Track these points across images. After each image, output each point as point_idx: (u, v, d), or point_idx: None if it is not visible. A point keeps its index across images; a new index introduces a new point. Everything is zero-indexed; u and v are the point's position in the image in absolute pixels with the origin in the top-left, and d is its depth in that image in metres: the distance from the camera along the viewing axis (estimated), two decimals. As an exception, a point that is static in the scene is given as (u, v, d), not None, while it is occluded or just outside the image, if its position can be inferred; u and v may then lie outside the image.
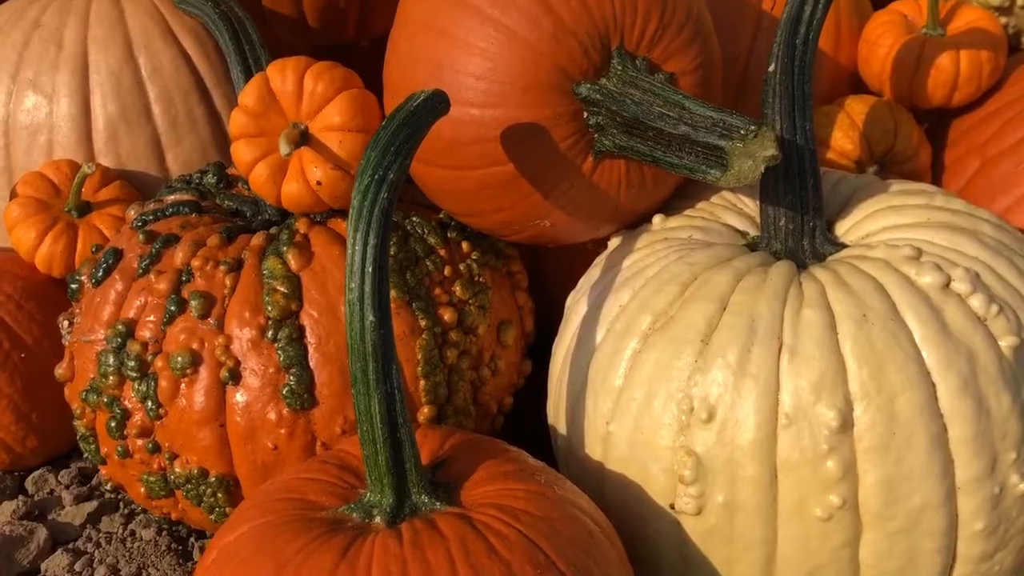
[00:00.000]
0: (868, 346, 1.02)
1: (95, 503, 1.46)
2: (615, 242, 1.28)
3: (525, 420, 1.42)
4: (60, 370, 1.30)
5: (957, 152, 1.51)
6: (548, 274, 1.56)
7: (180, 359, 1.19)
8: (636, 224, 1.29)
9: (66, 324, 1.32)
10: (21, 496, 1.49)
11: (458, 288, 1.26)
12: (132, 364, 1.20)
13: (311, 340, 1.19)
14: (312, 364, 1.19)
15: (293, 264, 1.22)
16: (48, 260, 1.50)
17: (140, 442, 1.23)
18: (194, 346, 1.19)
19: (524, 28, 1.11)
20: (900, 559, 1.04)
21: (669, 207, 1.29)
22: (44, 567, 1.37)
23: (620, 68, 1.13)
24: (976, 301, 1.04)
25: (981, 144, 1.48)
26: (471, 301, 1.26)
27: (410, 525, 0.94)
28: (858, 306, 1.04)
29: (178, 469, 1.22)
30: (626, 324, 1.13)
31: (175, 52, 1.58)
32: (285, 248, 1.23)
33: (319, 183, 1.22)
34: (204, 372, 1.19)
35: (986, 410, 1.01)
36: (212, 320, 1.20)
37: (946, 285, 1.05)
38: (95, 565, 1.36)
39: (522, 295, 1.39)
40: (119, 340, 1.22)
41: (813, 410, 1.01)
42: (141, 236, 1.28)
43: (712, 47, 1.23)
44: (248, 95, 1.24)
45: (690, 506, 1.06)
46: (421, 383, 1.21)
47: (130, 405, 1.22)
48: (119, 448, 1.24)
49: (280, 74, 1.24)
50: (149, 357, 1.21)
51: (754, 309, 1.06)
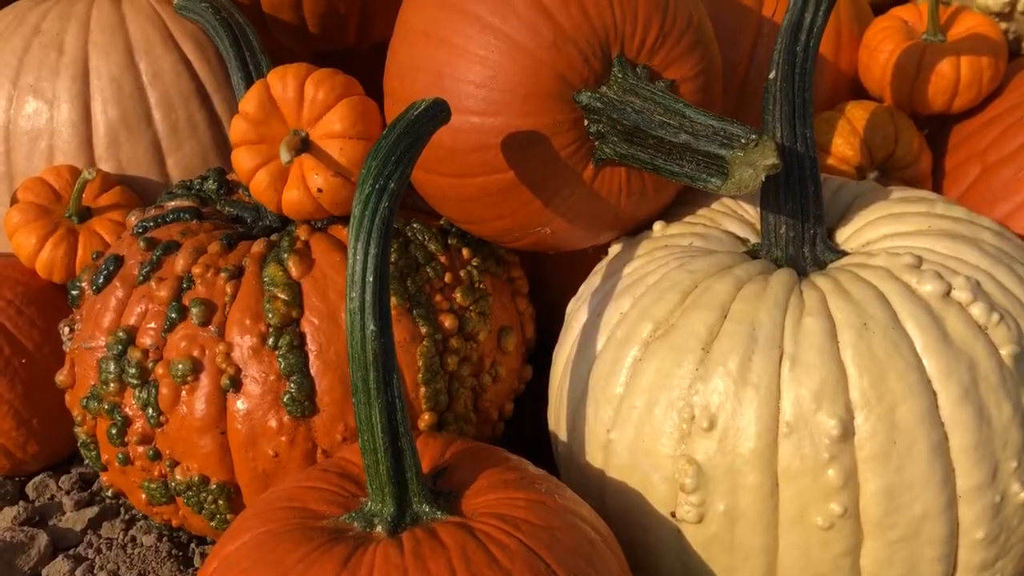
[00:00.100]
0: (869, 355, 1.02)
1: (96, 509, 1.46)
2: (616, 249, 1.27)
3: (526, 426, 1.42)
4: (61, 377, 1.30)
5: (957, 158, 1.51)
6: (548, 279, 1.56)
7: (181, 366, 1.19)
8: (637, 230, 1.29)
9: (67, 330, 1.32)
10: (22, 502, 1.49)
11: (459, 295, 1.26)
12: (133, 371, 1.20)
13: (312, 347, 1.19)
14: (313, 371, 1.19)
15: (294, 271, 1.22)
16: (49, 266, 1.50)
17: (141, 449, 1.23)
18: (195, 353, 1.19)
19: (524, 36, 1.10)
20: (901, 568, 1.04)
21: (670, 213, 1.29)
22: (45, 573, 1.37)
23: (621, 76, 1.13)
24: (977, 309, 1.04)
25: (981, 150, 1.47)
26: (472, 308, 1.26)
27: (411, 534, 0.94)
28: (859, 315, 1.04)
29: (179, 476, 1.22)
30: (627, 332, 1.13)
31: (176, 57, 1.58)
32: (286, 255, 1.23)
33: (320, 190, 1.22)
34: (205, 379, 1.19)
35: (987, 419, 1.01)
36: (213, 327, 1.20)
37: (947, 293, 1.05)
38: (96, 571, 1.36)
39: (523, 301, 1.39)
40: (120, 347, 1.22)
41: (814, 419, 1.01)
42: (142, 243, 1.28)
43: (713, 54, 1.23)
44: (249, 102, 1.24)
45: (691, 514, 1.06)
46: (422, 390, 1.21)
47: (131, 412, 1.22)
48: (120, 455, 1.24)
49: (281, 81, 1.24)
50: (150, 364, 1.21)
51: (755, 317, 1.06)
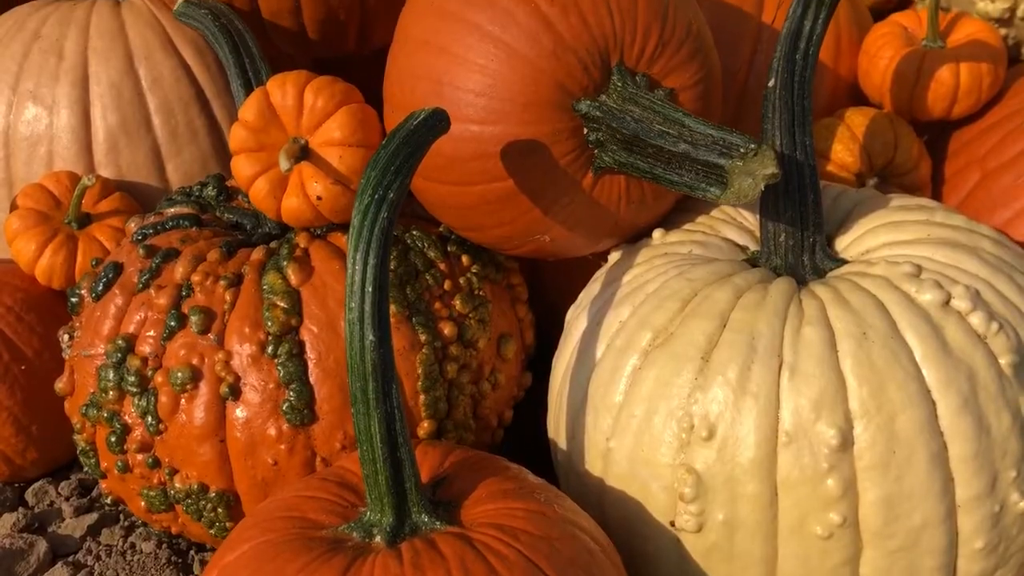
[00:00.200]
0: (868, 364, 1.01)
1: (95, 515, 1.46)
2: (615, 256, 1.27)
3: (525, 432, 1.42)
4: (60, 384, 1.30)
5: (957, 164, 1.51)
6: (548, 285, 1.56)
7: (180, 374, 1.19)
8: (636, 238, 1.29)
9: (66, 338, 1.32)
10: (21, 508, 1.49)
11: (458, 302, 1.26)
12: (132, 379, 1.20)
13: (311, 355, 1.19)
14: (312, 379, 1.19)
15: (293, 279, 1.22)
16: (48, 272, 1.50)
17: (140, 457, 1.23)
18: (194, 361, 1.19)
19: (524, 45, 1.10)
20: (900, 577, 1.04)
21: (669, 221, 1.29)
22: (44, 580, 1.37)
23: (620, 85, 1.13)
24: (976, 319, 1.04)
25: (981, 157, 1.47)
26: (471, 315, 1.26)
27: (410, 545, 0.94)
28: (858, 324, 1.04)
29: (178, 484, 1.22)
30: (626, 340, 1.13)
31: (175, 63, 1.58)
32: (285, 263, 1.23)
33: (319, 198, 1.22)
34: (204, 387, 1.19)
35: (986, 428, 1.01)
36: (212, 335, 1.20)
37: (946, 303, 1.05)
38: (95, 578, 1.36)
39: (522, 308, 1.39)
40: (119, 355, 1.22)
41: (813, 428, 1.01)
42: (141, 250, 1.28)
43: (712, 62, 1.23)
44: (248, 110, 1.24)
45: (690, 524, 1.06)
46: (421, 398, 1.21)
47: (130, 420, 1.22)
48: (119, 463, 1.24)
49: (280, 89, 1.24)
50: (149, 372, 1.21)
51: (754, 327, 1.05)
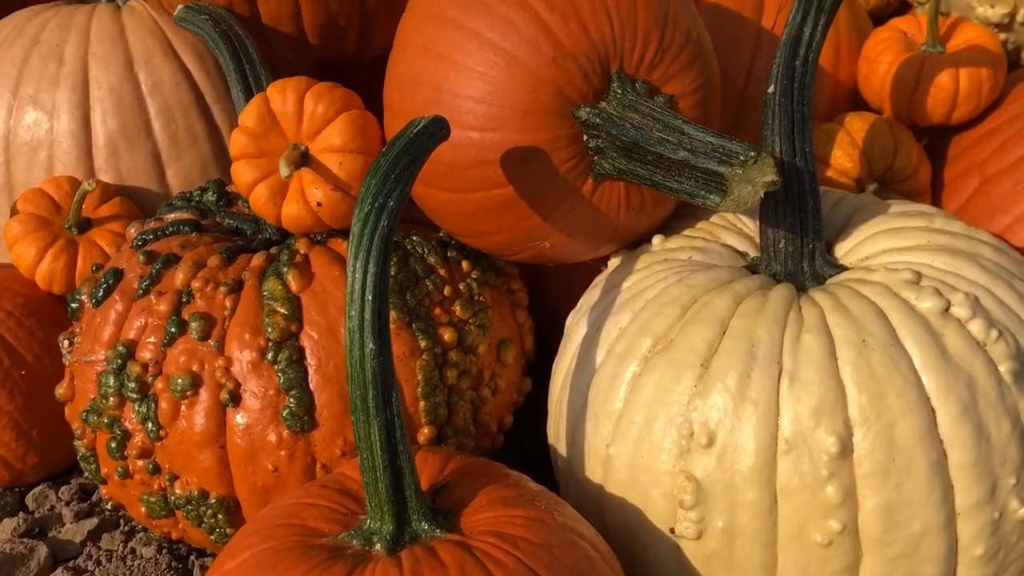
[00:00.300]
0: (868, 372, 1.02)
1: (95, 520, 1.46)
2: (615, 262, 1.27)
3: (526, 438, 1.42)
4: (60, 390, 1.30)
5: (957, 170, 1.51)
6: (548, 291, 1.56)
7: (180, 381, 1.19)
8: (636, 244, 1.29)
9: (66, 343, 1.32)
10: (22, 513, 1.49)
11: (458, 308, 1.26)
12: (132, 385, 1.20)
13: (311, 362, 1.19)
14: (312, 386, 1.19)
15: (293, 285, 1.22)
16: (48, 277, 1.50)
17: (140, 463, 1.23)
18: (194, 368, 1.19)
19: (524, 52, 1.10)
20: (900, 584, 1.04)
21: (669, 227, 1.29)
22: (44, 585, 1.37)
23: (620, 92, 1.13)
24: (976, 326, 1.04)
25: (981, 162, 1.47)
26: (471, 321, 1.26)
27: (410, 553, 0.94)
28: (858, 331, 1.04)
29: (178, 490, 1.22)
30: (626, 347, 1.13)
31: (175, 68, 1.59)
32: (285, 269, 1.23)
33: (319, 204, 1.22)
34: (204, 394, 1.19)
35: (986, 436, 1.01)
36: (212, 342, 1.20)
37: (946, 310, 1.05)
38: (95, 583, 1.36)
39: (522, 313, 1.39)
40: (119, 361, 1.22)
41: (813, 436, 1.01)
42: (141, 256, 1.28)
43: (712, 68, 1.23)
44: (248, 116, 1.24)
45: (690, 531, 1.06)
46: (421, 404, 1.21)
47: (130, 426, 1.22)
48: (119, 469, 1.25)
49: (280, 95, 1.24)
50: (149, 378, 1.21)
51: (754, 334, 1.06)
